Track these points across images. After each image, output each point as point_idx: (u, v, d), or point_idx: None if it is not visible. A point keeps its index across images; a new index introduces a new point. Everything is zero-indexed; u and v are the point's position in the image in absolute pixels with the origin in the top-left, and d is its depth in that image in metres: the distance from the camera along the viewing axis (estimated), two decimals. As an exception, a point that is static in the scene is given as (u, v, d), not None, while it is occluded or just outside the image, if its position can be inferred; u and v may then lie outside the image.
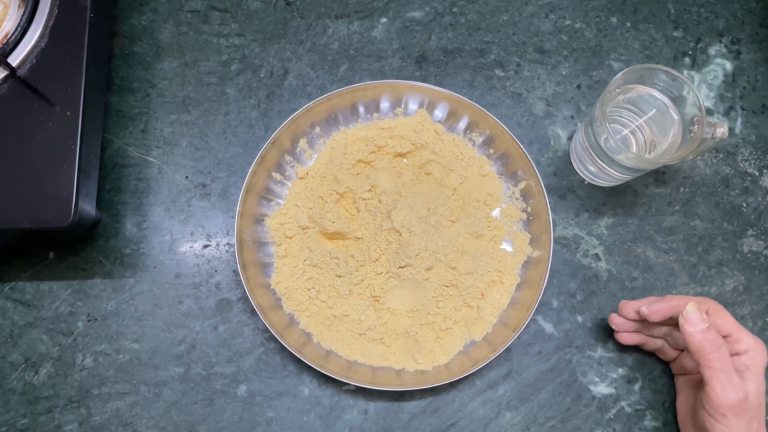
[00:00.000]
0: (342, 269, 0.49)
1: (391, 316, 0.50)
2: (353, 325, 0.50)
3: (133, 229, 0.52)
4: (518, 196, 0.53)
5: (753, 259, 0.54)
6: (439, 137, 0.53)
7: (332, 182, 0.51)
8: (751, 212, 0.55)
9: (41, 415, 0.49)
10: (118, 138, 0.54)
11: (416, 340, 0.50)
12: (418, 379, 0.48)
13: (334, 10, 0.57)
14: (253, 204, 0.51)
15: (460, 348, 0.50)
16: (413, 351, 0.49)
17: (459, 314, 0.50)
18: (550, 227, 0.50)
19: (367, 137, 0.52)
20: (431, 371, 0.49)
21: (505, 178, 0.53)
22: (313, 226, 0.51)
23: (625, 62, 0.57)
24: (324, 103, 0.51)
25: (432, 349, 0.50)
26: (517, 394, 0.51)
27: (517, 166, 0.52)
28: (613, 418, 0.51)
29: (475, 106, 0.51)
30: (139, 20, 0.56)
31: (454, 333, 0.50)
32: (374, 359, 0.49)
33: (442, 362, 0.49)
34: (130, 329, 0.51)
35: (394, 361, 0.49)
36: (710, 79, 0.57)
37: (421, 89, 0.52)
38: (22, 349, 0.50)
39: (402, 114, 0.54)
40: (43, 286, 0.51)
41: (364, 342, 0.50)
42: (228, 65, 0.56)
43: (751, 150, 0.56)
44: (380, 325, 0.50)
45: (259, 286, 0.49)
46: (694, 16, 0.59)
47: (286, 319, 0.50)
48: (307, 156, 0.53)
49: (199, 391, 0.50)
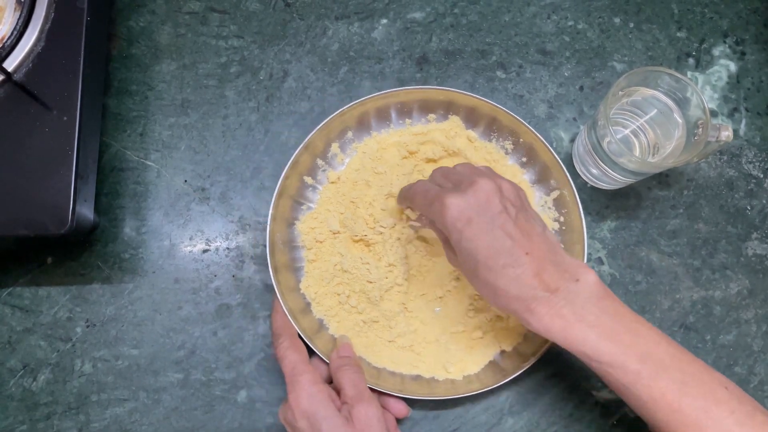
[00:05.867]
0: (373, 275, 0.49)
1: (420, 323, 0.50)
2: (383, 332, 0.49)
3: (132, 233, 0.52)
4: (551, 205, 0.52)
5: (757, 262, 0.53)
6: (471, 144, 0.53)
7: (364, 187, 0.51)
8: (756, 215, 0.54)
9: (40, 421, 0.49)
10: (116, 141, 0.53)
11: (447, 348, 0.49)
12: (448, 388, 0.48)
13: (334, 11, 0.57)
14: (285, 207, 0.50)
15: (491, 358, 0.49)
16: (444, 360, 0.49)
17: (490, 324, 0.49)
18: (584, 238, 0.49)
19: (399, 143, 0.52)
20: (461, 381, 0.48)
21: (537, 187, 0.53)
22: (344, 231, 0.50)
23: (628, 63, 0.57)
24: (357, 108, 0.51)
25: (463, 359, 0.49)
26: (519, 399, 0.50)
27: (550, 175, 0.51)
28: (617, 424, 0.50)
29: (507, 113, 0.51)
30: (136, 22, 0.56)
31: (485, 342, 0.49)
32: (404, 367, 0.49)
33: (473, 372, 0.49)
34: (129, 335, 0.50)
35: (424, 370, 0.49)
36: (714, 80, 0.57)
37: (455, 96, 0.51)
38: (21, 355, 0.50)
39: (434, 120, 0.53)
40: (41, 291, 0.51)
41: (393, 349, 0.49)
42: (227, 67, 0.55)
43: (756, 152, 0.55)
44: (410, 332, 0.49)
45: (290, 290, 0.49)
46: (698, 16, 0.58)
47: (316, 323, 0.49)
48: (338, 160, 0.53)
49: (198, 397, 0.49)
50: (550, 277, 0.38)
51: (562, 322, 0.38)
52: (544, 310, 0.38)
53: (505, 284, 0.38)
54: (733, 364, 0.51)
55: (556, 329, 0.38)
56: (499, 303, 0.40)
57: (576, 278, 0.39)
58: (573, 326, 0.38)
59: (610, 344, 0.38)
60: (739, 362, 0.52)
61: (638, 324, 0.39)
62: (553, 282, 0.38)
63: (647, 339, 0.38)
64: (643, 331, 0.39)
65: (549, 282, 0.38)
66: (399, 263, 0.49)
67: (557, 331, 0.38)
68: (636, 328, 0.39)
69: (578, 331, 0.38)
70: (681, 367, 0.38)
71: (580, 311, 0.38)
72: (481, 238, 0.38)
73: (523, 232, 0.39)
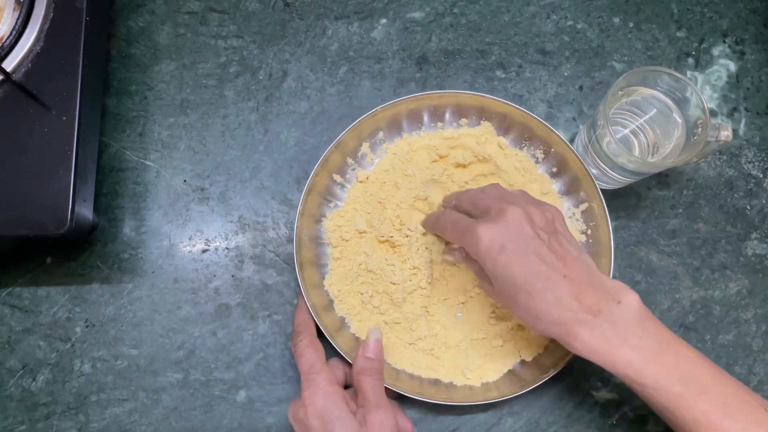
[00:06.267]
0: (397, 276, 0.49)
1: (442, 328, 0.50)
2: (404, 334, 0.49)
3: (131, 233, 0.52)
4: (579, 217, 0.52)
5: (757, 262, 0.53)
6: (502, 151, 0.53)
7: (392, 188, 0.51)
8: (756, 215, 0.54)
9: (39, 421, 0.49)
10: (115, 141, 0.53)
11: (467, 354, 0.49)
12: (466, 394, 0.48)
13: (334, 11, 0.57)
14: (314, 204, 0.50)
15: (510, 366, 0.49)
16: (462, 365, 0.49)
17: (511, 333, 0.49)
18: (611, 252, 0.49)
19: (429, 146, 0.52)
20: (479, 387, 0.48)
21: (566, 198, 0.52)
22: (370, 231, 0.51)
23: (627, 63, 0.57)
24: (389, 109, 0.51)
25: (482, 366, 0.49)
26: (518, 399, 0.50)
27: (580, 187, 0.51)
28: (616, 424, 0.50)
29: (540, 122, 0.50)
30: (136, 22, 0.56)
31: (505, 351, 0.49)
32: (423, 370, 0.49)
33: (491, 379, 0.49)
34: (128, 335, 0.50)
35: (442, 374, 0.49)
36: (714, 80, 0.57)
37: (488, 102, 0.51)
38: (20, 356, 0.50)
39: (466, 125, 0.53)
40: (40, 291, 0.51)
41: (413, 352, 0.49)
42: (226, 67, 0.55)
43: (755, 152, 0.55)
44: (431, 335, 0.49)
45: (313, 287, 0.49)
46: (698, 16, 0.58)
47: (338, 321, 0.49)
48: (368, 160, 0.53)
49: (198, 397, 0.49)
50: (591, 299, 0.39)
51: (606, 344, 0.38)
52: (588, 332, 0.38)
53: (545, 308, 0.39)
54: (733, 364, 0.51)
55: (600, 352, 0.38)
56: (541, 327, 0.40)
57: (618, 300, 0.39)
58: (617, 349, 0.38)
59: (654, 367, 0.38)
60: (739, 362, 0.52)
61: (680, 345, 0.39)
62: (595, 304, 0.39)
63: (689, 361, 0.39)
64: (684, 352, 0.39)
65: (590, 304, 0.39)
66: (423, 267, 0.49)
67: (601, 354, 0.38)
68: (678, 350, 0.39)
69: (623, 354, 0.38)
70: (722, 389, 0.38)
71: (624, 333, 0.38)
72: (516, 264, 0.39)
73: (557, 255, 0.40)
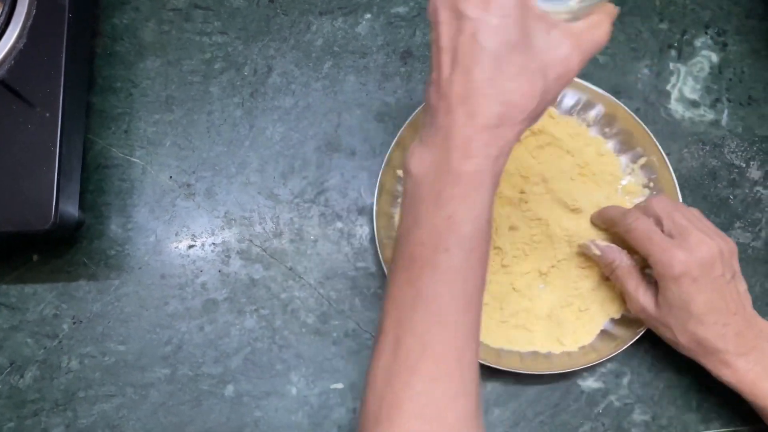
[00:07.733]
0: None
1: (528, 301, 0.51)
2: (494, 313, 0.50)
3: (118, 230, 0.52)
4: (638, 172, 0.53)
5: (741, 251, 0.53)
6: (554, 120, 0.53)
7: None
8: (738, 204, 0.55)
9: (27, 418, 0.49)
10: (100, 138, 0.53)
11: (558, 322, 0.50)
12: (565, 361, 0.49)
13: (318, 6, 0.57)
14: (386, 203, 0.51)
15: (602, 326, 0.51)
16: (557, 334, 0.50)
17: (596, 294, 0.51)
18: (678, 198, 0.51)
19: None
20: (578, 352, 0.50)
21: (622, 156, 0.54)
22: None
23: (610, 56, 0.57)
24: None
25: (575, 331, 0.50)
26: (505, 389, 0.50)
27: (636, 143, 0.53)
28: (602, 413, 0.51)
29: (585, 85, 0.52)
30: (120, 19, 0.56)
31: (592, 313, 0.51)
32: (520, 345, 0.50)
33: (587, 342, 0.50)
34: (115, 331, 0.50)
35: (539, 346, 0.50)
36: (696, 71, 0.57)
37: None
38: (7, 353, 0.50)
39: None
40: (27, 289, 0.51)
41: (507, 329, 0.50)
42: (211, 63, 0.55)
43: (738, 142, 0.56)
44: (522, 311, 0.50)
45: None
46: (680, 8, 0.58)
47: None
48: None
49: (186, 392, 0.50)
50: (749, 336, 0.45)
51: (754, 376, 0.44)
52: (740, 365, 0.44)
53: (712, 338, 0.44)
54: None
55: (746, 382, 0.44)
56: (697, 351, 0.46)
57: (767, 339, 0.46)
58: (763, 381, 0.44)
59: None
60: (724, 350, 0.52)
61: None
62: (751, 341, 0.45)
63: None
64: None
65: (747, 341, 0.45)
66: (504, 246, 0.50)
67: (747, 384, 0.44)
68: None
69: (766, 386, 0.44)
70: None
71: None
72: (700, 296, 0.44)
73: (732, 294, 0.45)
